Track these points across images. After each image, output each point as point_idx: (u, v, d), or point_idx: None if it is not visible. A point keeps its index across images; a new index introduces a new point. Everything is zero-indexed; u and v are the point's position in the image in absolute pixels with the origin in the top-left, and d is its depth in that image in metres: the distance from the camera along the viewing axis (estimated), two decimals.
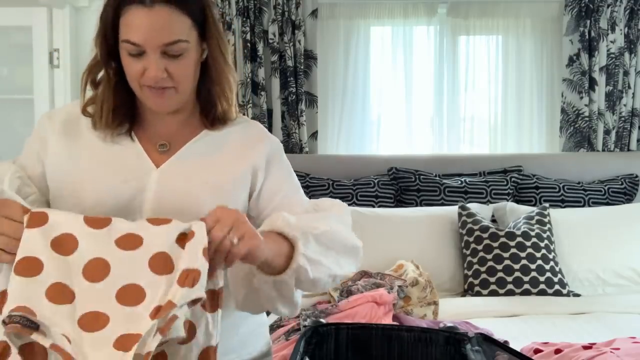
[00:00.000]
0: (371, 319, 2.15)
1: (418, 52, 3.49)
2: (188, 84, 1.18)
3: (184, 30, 1.13)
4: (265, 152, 1.26)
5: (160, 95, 1.15)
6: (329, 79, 3.46)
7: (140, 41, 1.10)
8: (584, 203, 3.16)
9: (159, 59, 1.11)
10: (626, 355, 1.81)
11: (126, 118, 1.21)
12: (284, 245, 1.11)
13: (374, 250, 2.80)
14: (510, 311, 2.52)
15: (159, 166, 1.19)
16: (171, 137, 1.23)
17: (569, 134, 3.41)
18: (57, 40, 3.12)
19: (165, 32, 1.10)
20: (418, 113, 3.53)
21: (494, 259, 2.73)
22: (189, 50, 1.14)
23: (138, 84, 1.15)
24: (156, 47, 1.11)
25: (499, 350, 1.22)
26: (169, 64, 1.13)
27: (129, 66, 1.14)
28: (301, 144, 3.35)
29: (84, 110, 1.22)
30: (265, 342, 1.35)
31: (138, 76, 1.13)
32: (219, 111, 1.24)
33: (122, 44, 1.13)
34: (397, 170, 3.24)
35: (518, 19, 3.45)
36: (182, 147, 1.22)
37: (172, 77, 1.14)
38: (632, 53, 3.36)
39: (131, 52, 1.12)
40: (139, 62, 1.12)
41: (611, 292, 2.80)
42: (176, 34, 1.11)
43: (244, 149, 1.25)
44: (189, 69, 1.16)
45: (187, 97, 1.21)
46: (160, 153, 1.21)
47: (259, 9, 3.31)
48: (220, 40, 1.20)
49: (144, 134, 1.23)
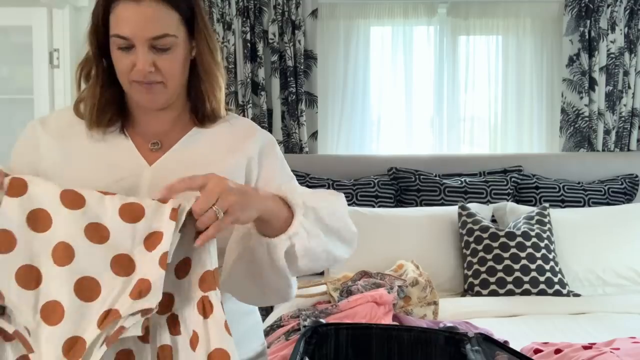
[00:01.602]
0: (371, 319, 2.15)
1: (418, 52, 3.49)
2: (176, 80, 1.19)
3: (172, 25, 1.15)
4: (258, 145, 1.27)
5: (149, 90, 1.16)
6: (329, 79, 3.46)
7: (128, 34, 1.12)
8: (584, 203, 3.16)
9: (147, 52, 1.13)
10: (626, 355, 1.81)
11: (117, 116, 1.22)
12: (284, 210, 1.10)
13: (374, 250, 2.81)
14: (510, 311, 2.52)
15: (151, 164, 1.20)
16: (162, 135, 1.24)
17: (569, 134, 3.41)
18: (57, 40, 3.12)
19: (153, 25, 1.12)
20: (418, 113, 3.54)
21: (494, 259, 2.73)
22: (177, 46, 1.16)
23: (127, 80, 1.16)
24: (144, 41, 1.12)
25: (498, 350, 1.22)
26: (157, 58, 1.14)
27: (119, 61, 1.15)
28: (301, 144, 3.35)
29: (77, 106, 1.22)
30: (260, 342, 1.35)
31: (127, 71, 1.15)
32: (208, 109, 1.25)
33: (112, 38, 1.14)
34: (397, 170, 3.24)
35: (518, 19, 3.45)
36: (174, 145, 1.23)
37: (160, 72, 1.15)
38: (632, 53, 3.36)
39: (120, 46, 1.14)
40: (128, 56, 1.14)
41: (611, 292, 2.79)
42: (164, 28, 1.13)
43: (235, 143, 1.25)
44: (177, 65, 1.18)
45: (176, 94, 1.22)
46: (152, 151, 1.22)
47: (259, 9, 3.31)
48: (209, 38, 1.22)
49: (135, 132, 1.23)
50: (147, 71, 1.13)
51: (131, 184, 1.17)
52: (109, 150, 1.20)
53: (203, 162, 1.22)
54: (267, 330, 2.22)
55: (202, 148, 1.24)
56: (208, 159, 1.23)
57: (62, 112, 1.30)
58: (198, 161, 1.22)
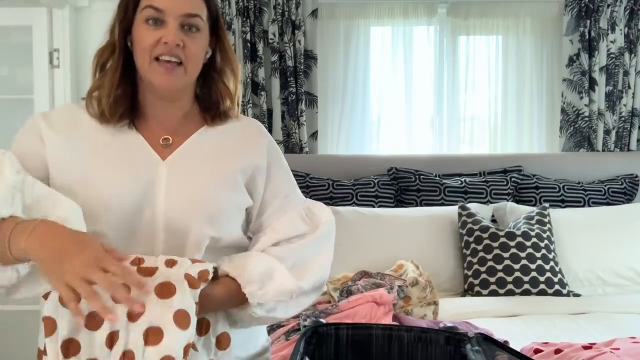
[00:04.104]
0: (371, 319, 2.15)
1: (418, 52, 3.49)
2: (196, 65, 1.22)
3: (203, 11, 1.21)
4: (265, 153, 1.30)
5: (170, 71, 1.17)
6: (329, 79, 3.46)
7: (163, 7, 1.15)
8: (584, 203, 3.16)
9: (177, 28, 1.16)
10: (626, 355, 1.81)
11: (127, 110, 1.22)
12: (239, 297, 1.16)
13: (374, 250, 2.81)
14: (510, 311, 2.52)
15: (164, 159, 1.21)
16: (172, 132, 1.25)
17: (569, 134, 3.41)
18: (57, 40, 3.12)
19: (189, 3, 1.17)
20: (418, 113, 3.53)
21: (494, 259, 2.73)
22: (202, 32, 1.21)
23: (149, 57, 1.17)
24: (177, 16, 1.16)
25: (498, 350, 1.22)
26: (185, 37, 1.17)
27: (144, 35, 1.16)
28: (301, 144, 3.35)
29: (90, 96, 1.22)
30: (265, 337, 1.39)
31: (151, 47, 1.16)
32: (220, 109, 1.28)
33: (142, 11, 1.16)
34: (397, 170, 3.24)
35: (518, 19, 3.45)
36: (184, 141, 1.24)
37: (184, 51, 1.17)
38: (632, 53, 3.36)
39: (150, 19, 1.16)
40: (155, 31, 1.16)
41: (611, 292, 2.79)
42: (197, 9, 1.19)
43: (245, 145, 1.29)
44: (200, 50, 1.21)
45: (191, 82, 1.25)
46: (163, 147, 1.23)
47: (259, 9, 3.31)
48: (228, 41, 1.28)
49: (145, 128, 1.24)
50: (175, 44, 1.15)
51: (147, 179, 1.18)
52: (121, 144, 1.21)
53: (214, 159, 1.24)
54: (267, 330, 2.22)
55: (213, 146, 1.26)
56: (220, 157, 1.25)
57: (63, 108, 1.30)
58: (210, 158, 1.24)
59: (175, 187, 1.19)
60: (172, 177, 1.19)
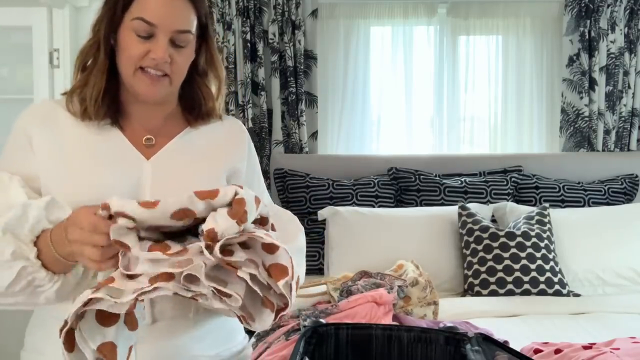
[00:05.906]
0: (371, 319, 2.14)
1: (418, 52, 3.49)
2: (181, 77, 1.23)
3: (193, 25, 1.20)
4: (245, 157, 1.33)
5: (156, 82, 1.17)
6: (329, 79, 3.46)
7: (155, 21, 1.14)
8: (584, 203, 3.16)
9: (167, 43, 1.16)
10: (626, 355, 1.81)
11: (110, 109, 1.21)
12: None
13: (374, 250, 2.81)
14: (510, 311, 2.52)
15: (148, 159, 1.21)
16: (155, 132, 1.25)
17: (569, 134, 3.41)
18: (57, 40, 3.12)
19: (181, 19, 1.16)
20: (418, 113, 3.54)
21: (494, 259, 2.73)
22: (190, 45, 1.21)
23: (134, 67, 1.16)
24: (168, 31, 1.15)
25: (498, 350, 1.22)
26: (173, 52, 1.17)
27: (132, 46, 1.15)
28: (301, 144, 3.35)
29: (71, 96, 1.21)
30: (243, 335, 1.38)
31: (138, 58, 1.15)
32: (203, 110, 1.29)
33: (132, 22, 1.15)
34: (397, 170, 3.24)
35: (518, 19, 3.46)
36: (168, 142, 1.25)
37: (172, 66, 1.17)
38: (632, 53, 3.36)
39: (140, 32, 1.14)
40: (143, 44, 1.15)
41: (611, 292, 2.80)
42: (188, 24, 1.18)
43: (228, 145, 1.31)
44: (186, 63, 1.22)
45: (175, 91, 1.26)
46: (146, 146, 1.23)
47: (259, 9, 3.31)
48: (214, 44, 1.29)
49: (127, 127, 1.24)
50: (164, 59, 1.15)
51: (132, 179, 1.18)
52: (105, 144, 1.20)
53: (198, 159, 1.25)
54: (267, 330, 2.22)
55: (197, 146, 1.27)
56: (204, 157, 1.26)
57: (41, 103, 1.30)
58: (194, 158, 1.25)
59: (161, 186, 1.18)
60: (158, 177, 1.19)
